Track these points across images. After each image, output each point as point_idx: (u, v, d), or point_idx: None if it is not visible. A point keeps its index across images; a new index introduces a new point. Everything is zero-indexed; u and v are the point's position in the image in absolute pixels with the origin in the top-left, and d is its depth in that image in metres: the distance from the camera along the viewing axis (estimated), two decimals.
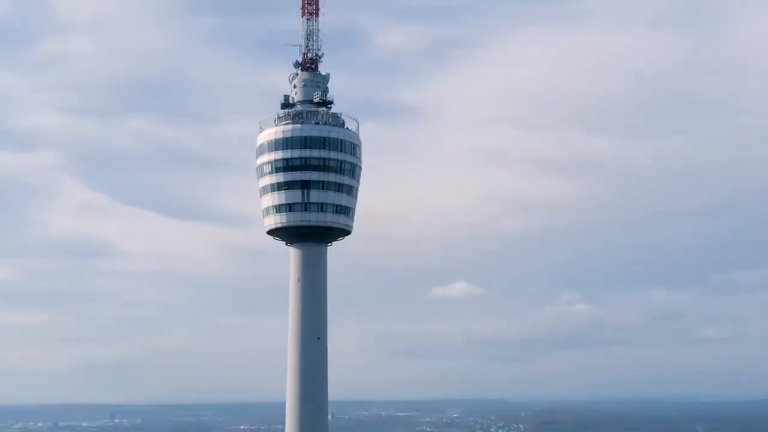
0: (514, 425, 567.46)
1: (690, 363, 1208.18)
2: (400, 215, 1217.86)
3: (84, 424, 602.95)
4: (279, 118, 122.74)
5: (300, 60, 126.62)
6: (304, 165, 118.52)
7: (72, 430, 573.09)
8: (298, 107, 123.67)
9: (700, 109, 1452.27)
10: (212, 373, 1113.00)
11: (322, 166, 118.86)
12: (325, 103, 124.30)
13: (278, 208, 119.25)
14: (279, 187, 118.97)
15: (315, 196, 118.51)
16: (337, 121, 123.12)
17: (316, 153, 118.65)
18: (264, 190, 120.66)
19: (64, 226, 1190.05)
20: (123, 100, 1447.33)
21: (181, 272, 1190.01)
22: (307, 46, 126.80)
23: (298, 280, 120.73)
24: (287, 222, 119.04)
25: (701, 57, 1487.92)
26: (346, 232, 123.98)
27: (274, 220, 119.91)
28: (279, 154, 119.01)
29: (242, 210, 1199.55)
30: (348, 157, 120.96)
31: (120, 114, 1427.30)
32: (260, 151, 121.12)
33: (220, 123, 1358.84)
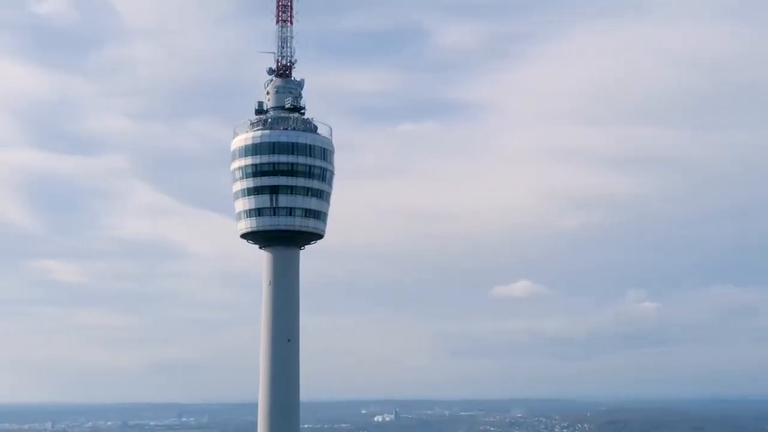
0: (579, 425, 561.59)
1: (759, 361, 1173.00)
2: (460, 214, 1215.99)
3: (152, 423, 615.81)
4: (252, 124, 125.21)
5: (274, 67, 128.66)
6: (273, 170, 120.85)
7: (141, 429, 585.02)
8: (271, 113, 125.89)
9: (767, 102, 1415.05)
10: None
11: (290, 171, 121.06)
12: (297, 108, 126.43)
13: (248, 213, 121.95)
14: (249, 192, 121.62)
15: (284, 200, 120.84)
16: (308, 127, 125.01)
17: (284, 158, 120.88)
18: (236, 195, 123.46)
19: (133, 229, 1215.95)
20: (187, 104, 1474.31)
21: (245, 273, 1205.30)
22: (281, 53, 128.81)
23: (270, 283, 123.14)
24: (257, 226, 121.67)
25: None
26: (318, 236, 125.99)
27: (245, 225, 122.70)
28: (249, 160, 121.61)
29: None
30: (317, 162, 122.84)
31: (184, 117, 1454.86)
32: (233, 157, 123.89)
33: None
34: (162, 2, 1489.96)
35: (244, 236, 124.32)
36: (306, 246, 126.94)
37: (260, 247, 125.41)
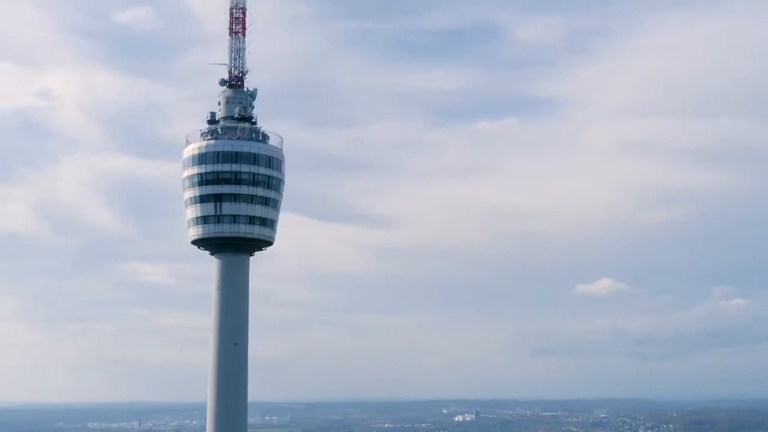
0: (664, 425, 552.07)
1: None
2: (540, 211, 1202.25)
3: None
4: (203, 134, 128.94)
5: (226, 78, 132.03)
6: (217, 179, 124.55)
7: None
8: (221, 123, 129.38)
9: None
10: (359, 372, 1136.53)
11: (234, 179, 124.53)
12: (246, 118, 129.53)
13: (196, 221, 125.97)
14: (196, 200, 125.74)
15: (227, 208, 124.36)
16: (255, 136, 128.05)
17: (227, 167, 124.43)
18: (186, 203, 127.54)
19: None
20: (266, 108, 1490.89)
21: (329, 273, 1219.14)
22: (233, 64, 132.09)
23: (218, 288, 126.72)
24: (203, 234, 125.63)
25: None
26: (266, 243, 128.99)
27: (194, 232, 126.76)
28: (195, 169, 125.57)
29: (386, 211, 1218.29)
30: (262, 170, 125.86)
31: (264, 121, 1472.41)
32: (184, 166, 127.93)
33: (358, 126, 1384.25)
34: None
35: (194, 243, 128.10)
36: (256, 252, 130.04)
37: (211, 254, 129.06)
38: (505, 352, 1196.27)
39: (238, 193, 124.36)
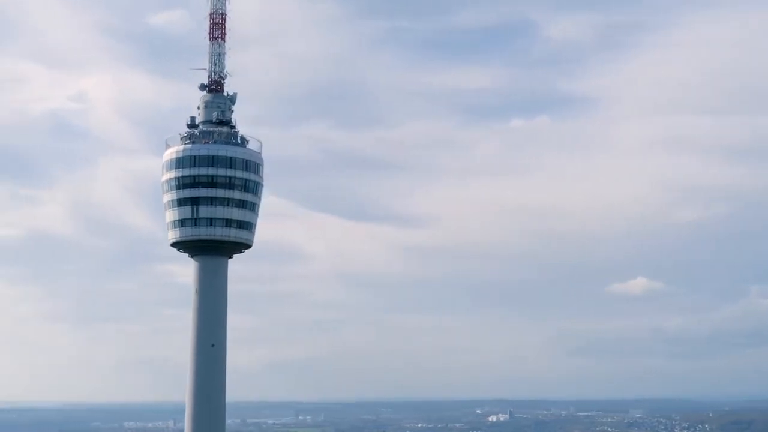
0: (700, 425, 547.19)
1: None
2: (574, 209, 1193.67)
3: (270, 422, 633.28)
4: (182, 138, 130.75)
5: (206, 83, 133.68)
6: (193, 183, 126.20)
7: (259, 427, 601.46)
8: (200, 127, 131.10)
9: None
10: (392, 372, 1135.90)
11: (210, 183, 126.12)
12: (224, 122, 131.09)
13: (174, 224, 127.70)
14: (174, 203, 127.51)
15: (204, 211, 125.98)
16: (233, 140, 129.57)
17: (203, 171, 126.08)
18: (165, 207, 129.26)
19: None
20: (297, 109, 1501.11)
21: (362, 273, 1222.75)
22: (213, 69, 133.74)
23: (196, 291, 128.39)
24: (180, 237, 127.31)
25: None
26: (245, 245, 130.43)
27: (172, 235, 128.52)
28: (173, 173, 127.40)
29: (418, 210, 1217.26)
30: (239, 173, 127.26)
31: (296, 122, 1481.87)
32: (163, 170, 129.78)
33: (391, 126, 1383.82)
34: (270, 8, 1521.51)
35: (173, 245, 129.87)
36: (235, 255, 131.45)
37: (190, 256, 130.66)
38: (539, 352, 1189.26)
39: (214, 196, 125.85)
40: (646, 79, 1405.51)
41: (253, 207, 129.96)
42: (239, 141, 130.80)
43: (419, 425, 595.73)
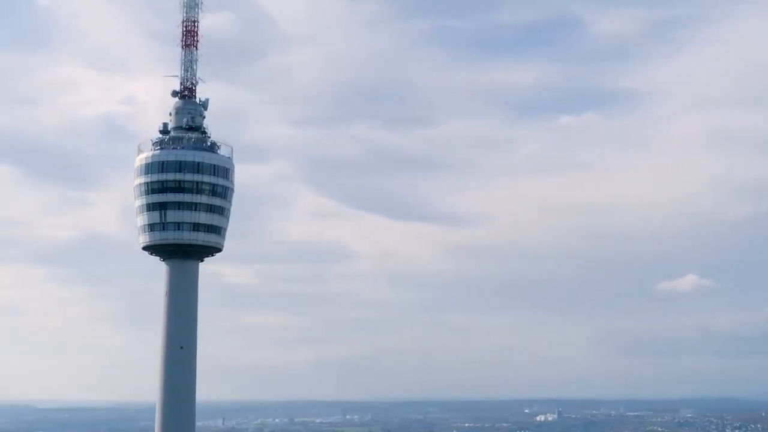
0: (752, 425, 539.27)
1: None
2: (622, 207, 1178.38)
3: (317, 421, 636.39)
4: (153, 144, 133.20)
5: (178, 89, 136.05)
6: (162, 188, 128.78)
7: (306, 426, 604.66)
8: (172, 133, 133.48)
9: None
10: (440, 371, 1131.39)
11: (177, 187, 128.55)
12: (193, 128, 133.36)
13: (144, 228, 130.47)
14: (143, 208, 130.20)
15: (172, 216, 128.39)
16: (202, 146, 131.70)
17: (171, 176, 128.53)
18: (136, 212, 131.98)
19: (298, 232, 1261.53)
20: (344, 108, 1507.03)
21: (408, 272, 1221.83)
22: (185, 76, 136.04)
23: (166, 293, 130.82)
24: (149, 241, 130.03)
25: None
26: (215, 249, 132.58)
27: (142, 239, 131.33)
28: (143, 179, 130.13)
29: (465, 209, 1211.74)
30: (206, 178, 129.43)
31: (342, 121, 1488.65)
32: (134, 175, 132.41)
33: (437, 124, 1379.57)
34: (316, 9, 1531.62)
35: (144, 249, 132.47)
36: (206, 258, 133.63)
37: (161, 260, 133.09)
38: (588, 351, 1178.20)
39: (181, 201, 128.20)
40: (696, 73, 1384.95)
41: (222, 211, 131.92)
42: (209, 146, 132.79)
43: (466, 425, 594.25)
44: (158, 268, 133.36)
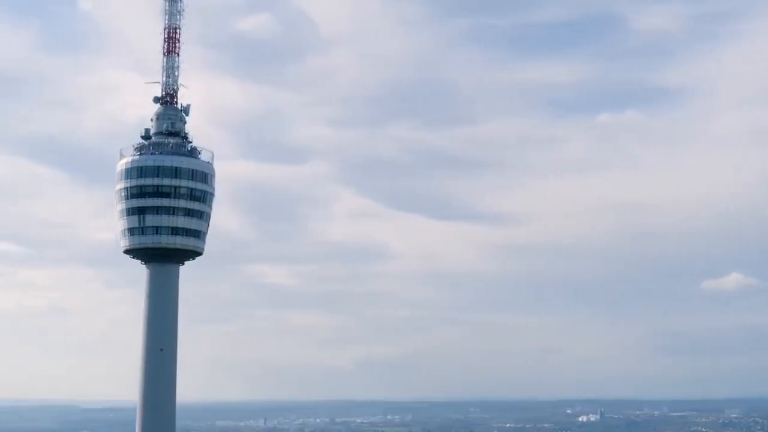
0: None
1: None
2: (666, 205, 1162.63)
3: (359, 421, 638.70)
4: (135, 149, 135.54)
5: (160, 95, 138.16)
6: (140, 192, 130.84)
7: (347, 426, 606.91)
8: (153, 139, 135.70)
9: None
10: (481, 371, 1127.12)
11: (156, 192, 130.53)
12: (174, 133, 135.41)
13: (124, 233, 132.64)
14: (123, 213, 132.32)
15: (150, 220, 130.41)
16: (181, 151, 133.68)
17: (149, 181, 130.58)
18: (117, 216, 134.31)
19: (339, 232, 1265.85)
20: (384, 109, 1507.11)
21: (450, 272, 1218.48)
22: (166, 83, 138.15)
23: (147, 296, 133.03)
24: (129, 245, 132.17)
25: None
26: (195, 252, 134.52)
27: (123, 243, 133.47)
28: (122, 183, 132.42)
29: (507, 208, 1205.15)
30: (185, 183, 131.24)
31: (382, 122, 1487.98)
32: (116, 180, 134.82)
33: (477, 123, 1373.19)
34: (354, 9, 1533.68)
35: (125, 253, 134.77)
36: (186, 262, 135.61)
37: (142, 263, 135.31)
38: (631, 351, 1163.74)
39: (159, 205, 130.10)
40: (740, 69, 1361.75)
41: (201, 215, 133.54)
42: (188, 151, 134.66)
43: (507, 425, 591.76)
44: (207, 268, 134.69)
